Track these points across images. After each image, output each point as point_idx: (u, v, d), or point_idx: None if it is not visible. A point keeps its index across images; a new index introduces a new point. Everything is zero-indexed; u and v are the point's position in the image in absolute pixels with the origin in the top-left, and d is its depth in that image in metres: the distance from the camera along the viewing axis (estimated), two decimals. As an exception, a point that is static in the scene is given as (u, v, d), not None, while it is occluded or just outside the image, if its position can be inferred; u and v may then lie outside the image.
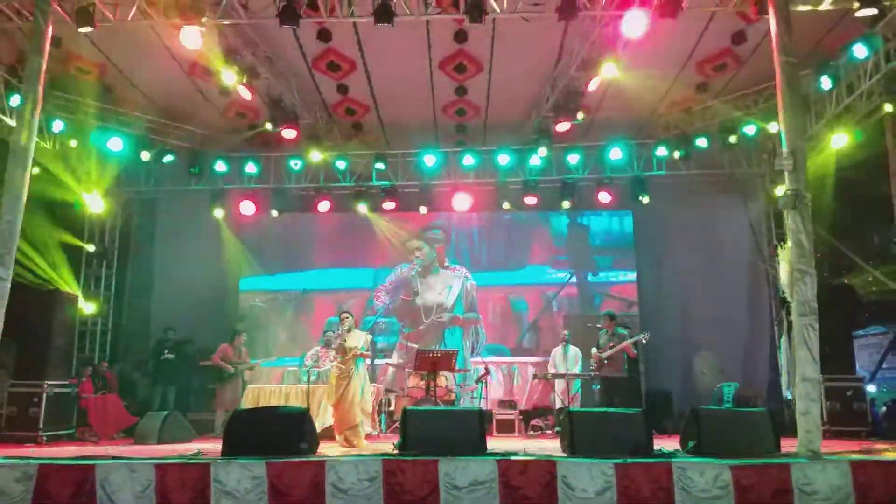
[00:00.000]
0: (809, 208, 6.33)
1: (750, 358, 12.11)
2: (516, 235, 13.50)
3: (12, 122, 9.38)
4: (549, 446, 6.96)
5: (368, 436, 8.72)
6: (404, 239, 13.49)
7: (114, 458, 5.84)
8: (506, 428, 10.47)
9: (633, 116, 11.66)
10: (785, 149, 6.46)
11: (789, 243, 6.51)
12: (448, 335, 13.08)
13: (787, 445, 6.19)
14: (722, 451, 5.73)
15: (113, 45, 9.55)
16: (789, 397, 10.52)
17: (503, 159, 11.93)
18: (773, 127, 10.29)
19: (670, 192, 12.37)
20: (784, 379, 11.15)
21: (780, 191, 10.11)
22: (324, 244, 13.57)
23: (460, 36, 9.42)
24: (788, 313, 7.38)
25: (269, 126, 10.60)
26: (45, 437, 8.78)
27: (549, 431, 10.23)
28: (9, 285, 6.37)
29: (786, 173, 6.44)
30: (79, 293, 11.62)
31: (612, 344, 9.29)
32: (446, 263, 13.51)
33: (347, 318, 8.27)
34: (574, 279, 13.19)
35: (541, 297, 13.16)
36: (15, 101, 9.73)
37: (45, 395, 8.93)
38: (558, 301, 13.15)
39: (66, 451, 6.97)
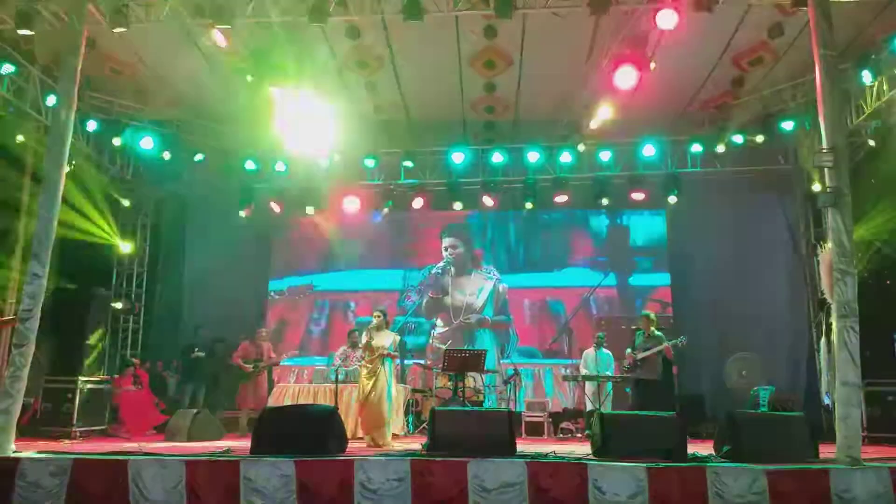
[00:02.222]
0: (850, 206, 6.14)
1: (787, 361, 11.81)
2: (554, 235, 13.30)
3: (48, 122, 9.57)
4: (580, 450, 6.86)
5: (395, 436, 8.70)
6: (437, 237, 13.42)
7: (146, 454, 5.90)
8: (535, 430, 10.35)
9: (666, 112, 11.46)
10: (825, 144, 6.28)
11: (829, 242, 6.34)
12: (478, 336, 13.01)
13: (826, 452, 6.02)
14: (757, 456, 5.59)
15: (146, 45, 9.67)
16: (828, 402, 10.25)
17: (533, 156, 11.79)
18: (811, 122, 10.03)
19: (705, 190, 12.12)
20: (823, 383, 10.84)
21: (818, 188, 9.90)
22: (353, 244, 13.55)
23: (490, 31, 9.32)
24: (828, 315, 7.17)
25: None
26: (78, 433, 8.91)
27: (580, 435, 10.08)
28: (45, 282, 6.45)
29: (825, 170, 6.25)
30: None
31: (648, 346, 9.12)
32: (481, 264, 13.41)
33: (378, 316, 8.28)
34: (613, 281, 12.98)
35: (579, 300, 12.97)
36: (51, 101, 9.92)
37: (78, 391, 9.06)
38: (597, 303, 12.94)
39: (99, 447, 7.05)
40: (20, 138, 9.78)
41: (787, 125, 10.70)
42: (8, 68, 9.36)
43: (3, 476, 5.52)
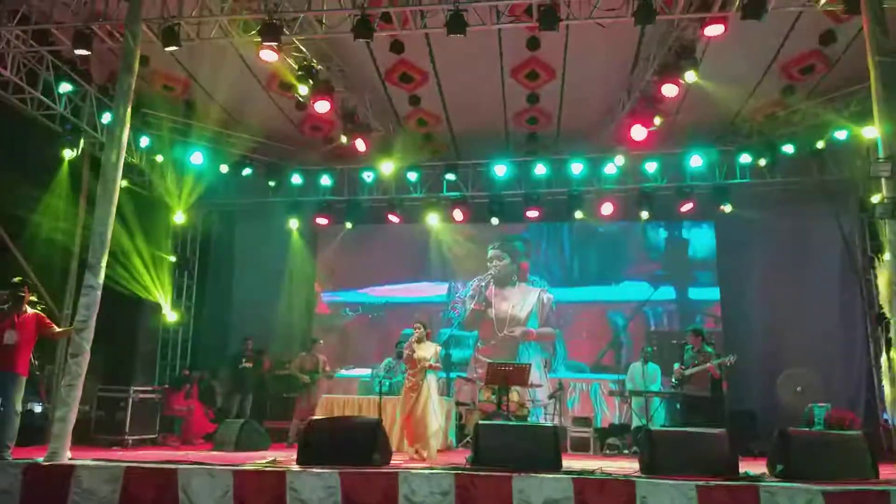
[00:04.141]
0: (910, 218, 5.92)
1: (843, 377, 11.38)
2: (610, 248, 13.10)
3: (103, 139, 9.90)
4: (627, 466, 6.72)
5: (440, 451, 8.67)
6: (483, 250, 13.41)
7: (195, 463, 6.00)
8: (581, 446, 10.20)
9: (714, 122, 11.27)
10: (881, 154, 6.08)
11: (887, 255, 6.12)
12: (522, 350, 12.91)
13: (886, 473, 5.78)
14: (813, 476, 5.38)
15: (196, 63, 9.93)
16: (887, 419, 9.85)
17: (576, 168, 11.70)
18: (866, 131, 9.71)
19: (755, 202, 11.83)
20: (888, 402, 10.39)
21: (875, 199, 9.56)
22: (398, 257, 13.65)
23: (533, 43, 9.30)
24: (886, 330, 6.90)
25: (343, 139, 10.80)
26: (130, 441, 9.12)
27: (626, 452, 9.88)
28: (99, 293, 6.63)
29: (882, 180, 6.05)
30: (167, 301, 12.12)
31: (696, 362, 8.91)
32: (528, 278, 13.33)
33: (419, 328, 8.29)
34: (672, 295, 12.77)
35: (634, 313, 12.76)
36: (106, 118, 10.27)
37: (130, 401, 9.29)
38: (655, 318, 12.73)
39: (150, 455, 7.20)
40: (76, 154, 10.11)
41: (841, 134, 10.39)
42: (65, 87, 9.72)
43: (60, 482, 5.67)
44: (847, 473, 5.54)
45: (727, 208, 11.73)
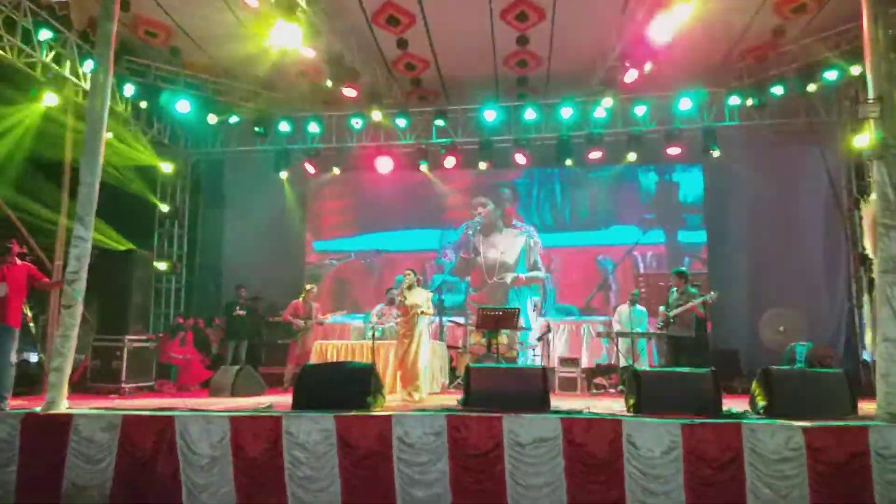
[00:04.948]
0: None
1: (825, 317, 11.63)
2: (601, 193, 13.09)
3: (86, 87, 9.71)
4: (614, 405, 6.91)
5: (435, 393, 8.86)
6: (473, 196, 13.43)
7: (191, 410, 6.12)
8: (568, 386, 10.42)
9: (704, 64, 11.11)
10: (871, 94, 6.05)
11: (873, 196, 6.17)
12: (512, 294, 13.05)
13: (866, 408, 5.97)
14: (794, 412, 5.55)
15: (179, 7, 9.69)
16: (867, 359, 10.11)
17: (566, 112, 11.61)
18: (856, 70, 9.64)
19: (743, 144, 11.85)
20: (868, 339, 10.64)
21: (860, 140, 9.58)
22: (389, 205, 13.63)
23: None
24: (870, 270, 7.02)
25: (329, 84, 10.63)
26: (127, 389, 9.26)
27: (612, 390, 10.15)
28: (90, 245, 6.62)
29: (871, 121, 6.05)
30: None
31: (680, 303, 9.06)
32: (514, 222, 13.36)
33: (409, 275, 8.38)
34: (661, 238, 12.86)
35: (623, 257, 12.87)
36: (88, 65, 10.05)
37: (125, 350, 9.39)
38: (645, 261, 12.83)
39: (147, 403, 7.33)
40: (60, 102, 9.93)
41: (831, 75, 10.30)
42: (45, 34, 9.47)
43: (59, 431, 5.78)
44: (827, 410, 5.70)
45: (715, 153, 11.71)
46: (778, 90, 10.87)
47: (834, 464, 5.10)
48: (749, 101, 11.12)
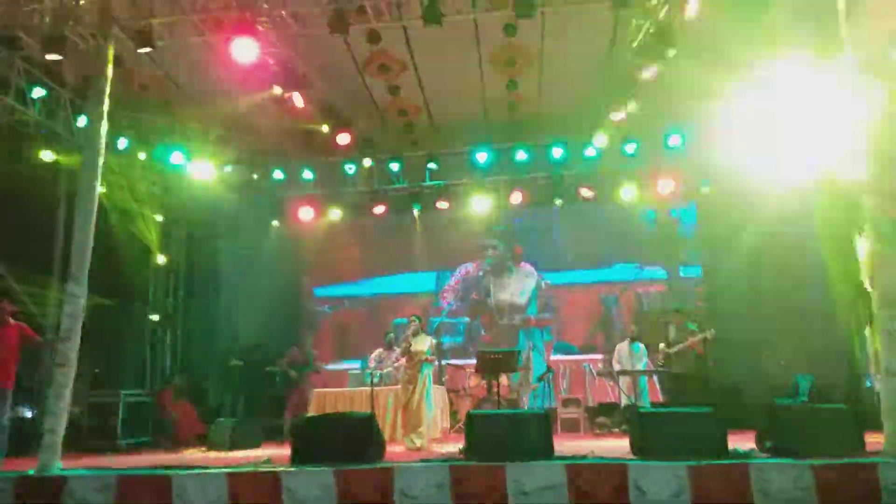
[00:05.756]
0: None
1: (825, 349, 11.54)
2: (600, 230, 13.00)
3: (79, 144, 9.76)
4: (618, 446, 6.80)
5: (437, 438, 8.75)
6: (469, 237, 13.30)
7: (188, 467, 5.99)
8: (571, 427, 10.30)
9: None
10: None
11: (868, 229, 6.17)
12: (522, 336, 12.95)
13: (872, 440, 5.89)
14: (802, 450, 5.47)
15: (173, 62, 9.81)
16: (870, 384, 10.01)
17: (557, 152, 11.71)
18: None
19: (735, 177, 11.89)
20: (872, 368, 10.54)
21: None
22: (384, 248, 13.63)
23: (510, 29, 9.25)
24: (868, 305, 6.99)
25: (324, 129, 10.73)
26: (123, 445, 9.10)
27: (616, 430, 10.00)
28: (84, 301, 6.56)
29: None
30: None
31: (680, 340, 9.02)
32: (522, 262, 13.30)
33: (414, 321, 8.35)
34: (663, 275, 12.81)
35: (623, 294, 12.83)
36: (81, 121, 10.12)
37: (121, 405, 9.26)
38: (648, 298, 12.75)
39: (144, 461, 7.18)
40: (53, 157, 9.96)
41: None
42: (39, 92, 9.56)
43: (52, 495, 5.62)
44: (835, 446, 5.62)
45: (709, 186, 11.76)
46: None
47: (844, 502, 5.01)
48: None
